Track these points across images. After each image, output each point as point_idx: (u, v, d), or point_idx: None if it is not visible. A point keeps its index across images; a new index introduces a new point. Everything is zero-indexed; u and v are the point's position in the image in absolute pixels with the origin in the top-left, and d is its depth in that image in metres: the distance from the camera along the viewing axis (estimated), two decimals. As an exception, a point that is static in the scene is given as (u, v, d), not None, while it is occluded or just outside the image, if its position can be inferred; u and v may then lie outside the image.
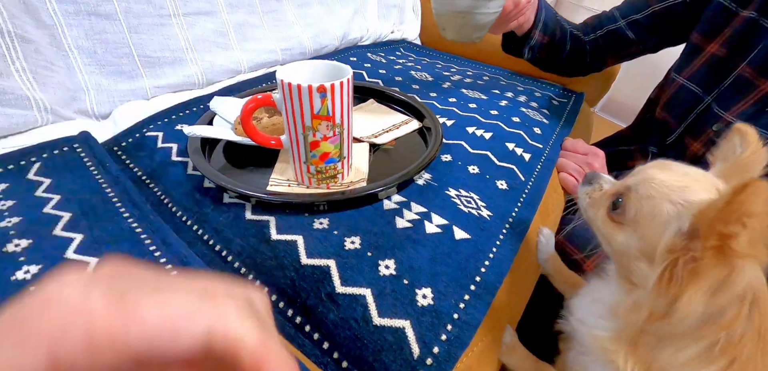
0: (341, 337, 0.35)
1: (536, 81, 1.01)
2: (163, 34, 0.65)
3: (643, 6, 0.78)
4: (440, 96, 0.81)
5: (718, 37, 0.68)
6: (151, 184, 0.51)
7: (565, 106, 0.88)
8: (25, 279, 0.35)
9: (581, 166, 0.69)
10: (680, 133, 0.73)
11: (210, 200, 0.47)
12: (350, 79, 0.43)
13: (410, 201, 0.48)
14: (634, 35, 0.79)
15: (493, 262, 0.44)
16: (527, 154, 0.65)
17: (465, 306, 0.38)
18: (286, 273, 0.39)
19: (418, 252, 0.41)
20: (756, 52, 0.62)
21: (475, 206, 0.50)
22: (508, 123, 0.73)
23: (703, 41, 0.70)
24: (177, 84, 0.67)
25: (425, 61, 1.05)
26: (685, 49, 0.74)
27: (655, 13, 0.76)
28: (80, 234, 0.40)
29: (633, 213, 0.34)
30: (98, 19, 0.59)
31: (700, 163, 0.72)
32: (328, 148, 0.45)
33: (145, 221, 0.43)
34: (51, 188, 0.46)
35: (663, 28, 0.77)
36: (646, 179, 0.34)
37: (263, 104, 0.44)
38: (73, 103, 0.58)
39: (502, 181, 0.57)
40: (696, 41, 0.71)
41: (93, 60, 0.60)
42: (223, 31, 0.73)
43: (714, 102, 0.67)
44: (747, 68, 0.63)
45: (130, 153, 0.55)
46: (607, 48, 0.84)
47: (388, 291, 0.37)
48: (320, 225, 0.43)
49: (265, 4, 0.81)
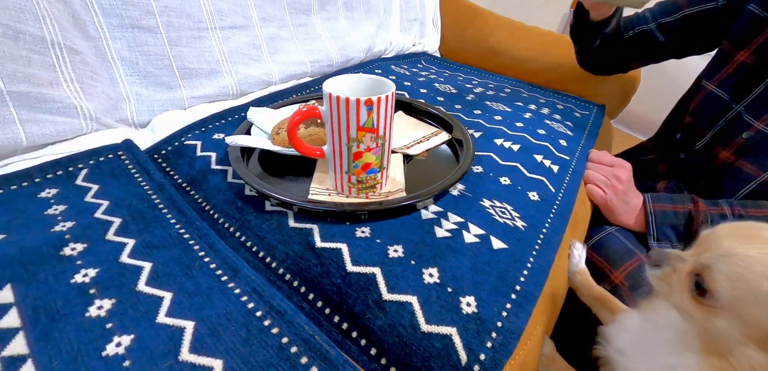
0: (389, 344, 0.36)
1: (557, 93, 1.02)
2: (201, 47, 0.67)
3: (673, 9, 0.78)
4: (465, 108, 0.82)
5: (748, 45, 0.68)
6: (192, 190, 0.52)
7: (587, 118, 0.89)
8: (85, 282, 0.36)
9: (608, 178, 0.70)
10: (708, 140, 0.73)
11: (252, 208, 0.48)
12: (394, 93, 0.44)
13: (447, 211, 0.49)
14: (663, 38, 0.80)
15: (531, 272, 0.44)
16: (556, 166, 0.66)
17: (508, 314, 0.39)
18: (333, 280, 0.40)
19: (459, 261, 0.42)
20: None
21: (509, 217, 0.51)
22: (534, 135, 0.74)
23: (733, 49, 0.71)
24: (212, 94, 0.69)
25: (447, 74, 1.06)
26: (715, 56, 0.75)
27: (685, 17, 0.77)
28: (132, 238, 0.41)
29: (727, 297, 0.31)
30: (141, 32, 0.61)
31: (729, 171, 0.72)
32: (371, 159, 0.46)
33: (191, 227, 0.44)
34: (99, 194, 0.47)
35: (691, 34, 0.78)
36: (726, 255, 0.31)
37: (309, 117, 0.45)
38: (114, 112, 0.60)
39: (534, 192, 0.57)
40: (726, 49, 0.72)
41: (134, 71, 0.62)
42: (257, 44, 0.75)
43: (744, 110, 0.68)
44: None
45: (170, 160, 0.56)
46: (635, 48, 0.85)
47: (434, 298, 0.38)
48: (362, 234, 0.44)
49: (295, 18, 0.83)
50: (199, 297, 0.36)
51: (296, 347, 0.33)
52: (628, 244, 0.66)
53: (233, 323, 0.34)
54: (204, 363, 0.30)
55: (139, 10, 0.60)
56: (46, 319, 0.32)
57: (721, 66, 0.75)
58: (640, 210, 0.68)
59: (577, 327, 0.58)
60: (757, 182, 0.67)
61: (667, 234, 0.66)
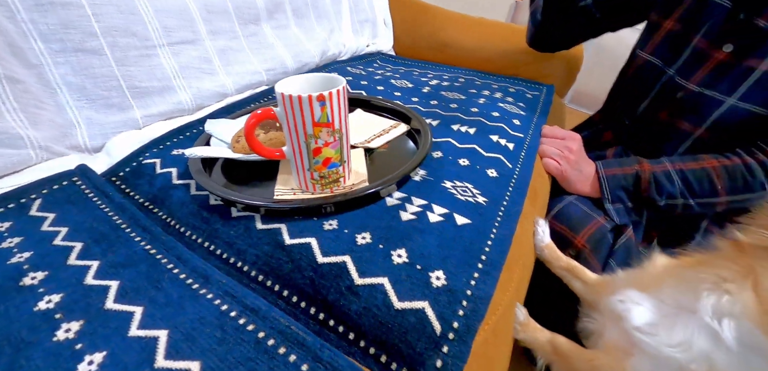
0: (366, 325, 0.37)
1: (508, 78, 1.06)
2: (150, 65, 0.66)
3: None
4: (422, 100, 0.85)
5: (672, 13, 0.75)
6: (155, 209, 0.52)
7: (538, 98, 0.94)
8: (49, 308, 0.35)
9: (561, 150, 0.74)
10: (648, 104, 0.79)
11: (218, 216, 0.48)
12: (345, 87, 0.45)
13: (411, 196, 0.51)
14: (600, 14, 0.86)
15: (495, 242, 0.47)
16: (511, 144, 0.69)
17: (476, 283, 0.41)
18: (305, 273, 0.41)
19: (425, 239, 0.44)
20: (707, 25, 0.70)
21: (471, 194, 0.53)
22: (489, 118, 0.77)
23: (661, 18, 0.78)
24: (167, 111, 0.68)
25: (402, 70, 1.09)
26: (646, 27, 0.82)
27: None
28: (95, 260, 0.40)
29: None
30: (85, 55, 0.60)
31: (669, 130, 0.78)
32: (330, 153, 0.47)
33: (157, 242, 0.44)
34: (57, 221, 0.46)
35: (623, 7, 0.85)
36: None
37: (264, 118, 0.45)
38: (65, 139, 0.58)
39: (492, 169, 0.60)
40: (654, 19, 0.79)
41: (82, 95, 0.60)
42: (208, 57, 0.75)
43: (676, 73, 0.74)
44: (702, 40, 0.70)
45: (129, 181, 0.55)
46: (576, 25, 0.90)
47: (404, 277, 0.39)
48: (330, 227, 0.45)
49: (245, 29, 0.83)
50: (170, 307, 0.36)
51: (273, 339, 0.33)
52: (586, 210, 0.70)
53: (208, 326, 0.34)
54: (181, 367, 0.30)
55: (82, 33, 0.59)
56: (11, 350, 0.31)
57: (651, 35, 0.81)
58: (594, 177, 0.73)
59: (556, 302, 0.62)
60: (693, 137, 0.73)
61: (619, 196, 0.71)
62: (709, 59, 0.70)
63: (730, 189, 0.66)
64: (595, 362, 0.47)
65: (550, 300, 0.61)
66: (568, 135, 0.77)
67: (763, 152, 0.64)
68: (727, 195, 0.66)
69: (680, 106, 0.74)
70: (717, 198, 0.67)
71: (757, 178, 0.64)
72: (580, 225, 0.68)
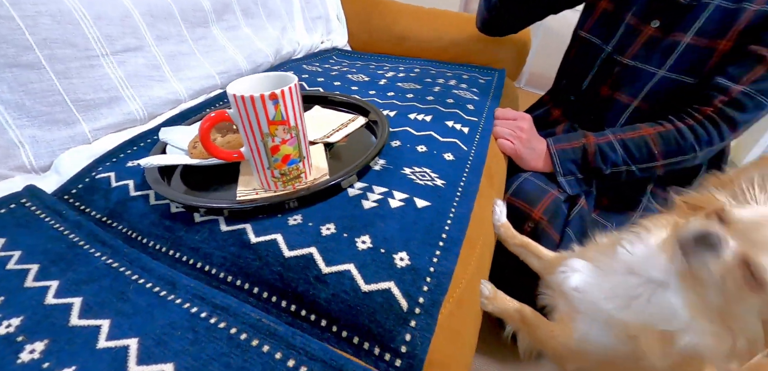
0: (336, 311, 0.39)
1: (461, 66, 1.10)
2: (94, 76, 0.64)
3: None
4: (379, 92, 0.86)
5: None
6: (114, 223, 0.50)
7: (490, 83, 0.98)
8: (10, 332, 0.34)
9: (513, 130, 0.78)
10: (590, 81, 0.85)
11: (181, 224, 0.48)
12: (297, 84, 0.46)
13: (371, 185, 0.52)
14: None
15: (454, 220, 0.49)
16: (465, 128, 0.72)
17: (438, 260, 0.43)
18: (273, 268, 0.41)
19: (387, 225, 0.46)
20: (637, 3, 0.76)
21: (429, 178, 0.56)
22: (444, 105, 0.80)
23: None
24: (118, 123, 0.66)
25: (359, 64, 1.10)
26: (584, 8, 0.88)
27: None
28: (54, 280, 0.40)
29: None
30: (21, 70, 0.57)
31: (609, 103, 0.84)
32: (288, 150, 0.47)
33: (119, 255, 0.43)
34: (8, 246, 0.44)
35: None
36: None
37: (219, 121, 0.46)
38: (8, 160, 0.55)
39: (449, 153, 0.63)
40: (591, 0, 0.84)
41: (22, 112, 0.57)
42: (156, 64, 0.73)
43: (612, 49, 0.80)
44: (632, 18, 0.76)
45: (83, 198, 0.54)
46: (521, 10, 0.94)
47: (369, 261, 0.41)
48: (295, 221, 0.46)
49: (192, 33, 0.82)
50: (139, 316, 0.36)
51: (245, 334, 0.34)
52: (541, 184, 0.74)
53: (179, 329, 0.34)
54: (154, 370, 0.31)
55: (15, 47, 0.55)
56: (-29, 378, 0.31)
57: (588, 15, 0.87)
58: (546, 154, 0.78)
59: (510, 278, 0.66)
60: (631, 108, 0.79)
61: (570, 169, 0.76)
62: (640, 34, 0.76)
63: (666, 153, 0.72)
64: (555, 332, 0.51)
65: (505, 277, 0.65)
66: (519, 115, 0.82)
67: (692, 117, 0.71)
68: (663, 159, 0.73)
69: (618, 80, 0.80)
70: (655, 162, 0.73)
71: (688, 141, 0.70)
72: (536, 199, 0.72)
